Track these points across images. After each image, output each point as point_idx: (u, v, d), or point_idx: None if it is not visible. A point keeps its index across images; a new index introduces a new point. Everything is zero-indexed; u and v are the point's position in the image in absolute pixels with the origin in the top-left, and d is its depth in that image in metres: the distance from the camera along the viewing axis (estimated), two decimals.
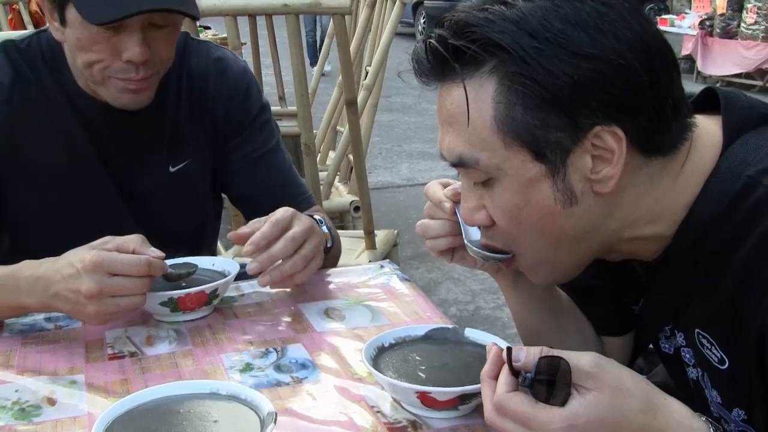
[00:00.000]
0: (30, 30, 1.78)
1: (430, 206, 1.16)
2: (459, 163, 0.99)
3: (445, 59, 0.95)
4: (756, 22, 8.84)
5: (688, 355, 1.10)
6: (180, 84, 1.59)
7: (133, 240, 1.21)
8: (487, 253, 1.08)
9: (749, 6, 8.95)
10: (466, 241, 1.11)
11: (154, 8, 1.34)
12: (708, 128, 1.00)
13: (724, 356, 1.00)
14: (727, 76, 9.29)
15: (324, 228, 1.44)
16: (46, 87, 1.49)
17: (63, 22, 1.40)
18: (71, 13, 1.37)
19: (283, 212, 1.33)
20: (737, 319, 0.95)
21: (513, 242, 1.03)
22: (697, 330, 1.03)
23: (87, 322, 1.24)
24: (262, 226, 1.31)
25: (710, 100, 1.04)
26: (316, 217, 1.47)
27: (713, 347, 1.01)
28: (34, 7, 6.56)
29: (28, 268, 1.23)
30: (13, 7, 6.54)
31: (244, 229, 1.33)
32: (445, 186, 1.15)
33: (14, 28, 6.06)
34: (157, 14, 1.37)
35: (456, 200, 1.11)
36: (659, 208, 0.99)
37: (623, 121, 0.92)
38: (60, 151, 1.47)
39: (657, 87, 0.94)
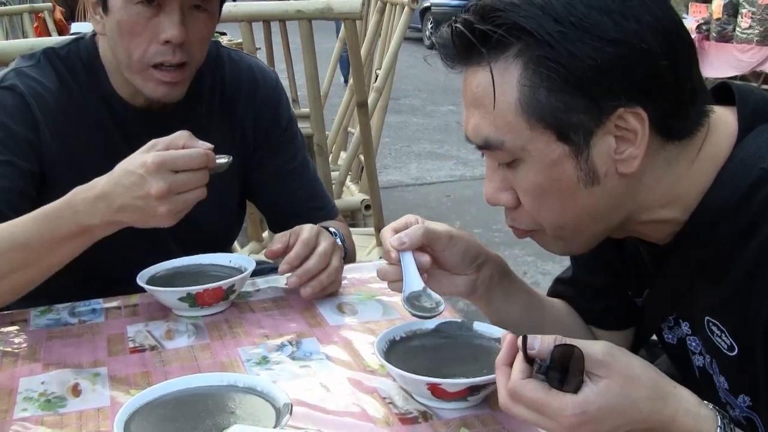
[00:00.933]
0: (61, 37, 1.79)
1: (385, 253, 1.14)
2: (485, 145, 0.99)
3: (471, 43, 0.95)
4: (750, 27, 8.84)
5: (694, 344, 1.10)
6: (213, 91, 1.59)
7: (181, 136, 1.19)
8: (419, 313, 1.10)
9: (744, 11, 8.95)
10: (402, 297, 1.11)
11: None
12: (723, 118, 1.00)
13: (733, 343, 1.00)
14: (724, 78, 9.25)
15: (338, 241, 1.45)
16: (85, 91, 1.50)
17: (105, 9, 1.40)
18: None
19: (309, 231, 1.35)
20: (747, 308, 0.94)
21: (535, 221, 1.03)
22: (707, 318, 1.03)
23: (158, 224, 1.19)
24: (288, 239, 1.34)
25: (724, 94, 1.04)
26: (331, 230, 1.47)
27: (723, 334, 1.00)
28: (58, 15, 6.60)
29: (81, 192, 1.20)
30: (39, 15, 6.58)
31: (277, 246, 1.36)
32: (396, 231, 1.13)
33: (39, 35, 6.09)
34: None
35: (401, 248, 1.11)
36: (674, 192, 0.99)
37: (645, 102, 0.92)
38: (100, 153, 1.47)
39: (677, 71, 0.93)
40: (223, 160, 1.20)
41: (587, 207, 0.99)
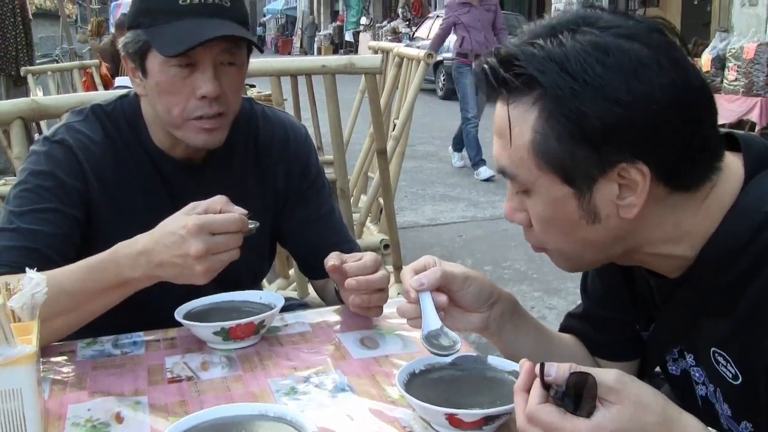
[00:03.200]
0: (107, 92, 1.83)
1: (404, 292, 1.15)
2: (501, 173, 1.02)
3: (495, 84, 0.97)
4: (737, 79, 8.94)
5: (697, 374, 1.09)
6: (248, 145, 1.61)
7: (218, 201, 1.20)
8: (437, 351, 1.10)
9: (730, 65, 9.07)
10: (421, 335, 1.11)
11: (221, 35, 1.37)
12: (730, 164, 1.00)
13: (738, 372, 0.99)
14: None
15: None
16: (129, 144, 1.52)
17: (144, 73, 1.44)
18: (151, 62, 1.42)
19: (373, 256, 1.36)
20: (752, 341, 0.94)
21: (543, 242, 1.05)
22: (713, 348, 1.02)
23: (193, 282, 1.20)
24: (344, 257, 1.36)
25: (729, 141, 1.04)
26: None
27: (729, 364, 1.00)
28: (104, 70, 6.72)
29: (124, 247, 1.22)
30: (87, 70, 6.71)
31: (333, 261, 1.36)
32: (415, 271, 1.14)
33: (87, 89, 6.21)
34: (225, 53, 1.41)
35: (420, 289, 1.11)
36: (679, 232, 0.99)
37: (649, 158, 0.92)
38: (143, 202, 1.50)
39: (686, 131, 0.93)
40: (252, 225, 1.22)
41: (588, 240, 1.00)
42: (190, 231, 1.15)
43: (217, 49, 1.40)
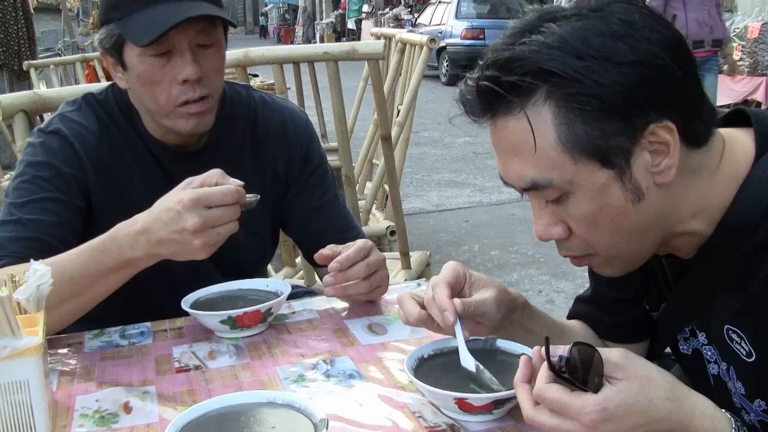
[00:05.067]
0: (105, 83, 1.82)
1: (440, 311, 1.05)
2: (531, 187, 0.97)
3: (498, 96, 0.93)
4: (741, 59, 8.90)
5: (710, 353, 1.08)
6: (245, 132, 1.60)
7: (214, 174, 1.19)
8: (484, 392, 1.00)
9: (734, 45, 9.03)
10: (462, 373, 1.04)
11: (191, 16, 1.36)
12: (740, 138, 1.00)
13: (752, 350, 0.98)
14: (719, 106, 9.26)
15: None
16: (124, 132, 1.52)
17: (124, 67, 1.43)
18: (128, 54, 1.41)
19: (363, 242, 1.35)
20: (766, 316, 0.94)
21: (589, 245, 1.01)
22: (726, 326, 1.01)
23: (194, 257, 1.20)
24: (339, 249, 1.34)
25: (739, 119, 1.04)
26: None
27: (743, 341, 0.99)
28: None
29: (123, 227, 1.22)
30: (89, 63, 6.70)
31: (326, 252, 1.35)
32: (450, 285, 1.07)
33: (90, 82, 6.20)
34: (201, 34, 1.40)
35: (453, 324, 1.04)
36: (700, 203, 0.99)
37: (671, 114, 0.92)
38: (141, 189, 1.49)
39: (688, 79, 0.94)
40: (252, 197, 1.21)
41: (636, 223, 0.98)
42: (186, 205, 1.14)
43: (192, 31, 1.39)
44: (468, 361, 1.05)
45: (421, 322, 1.09)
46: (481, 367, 1.04)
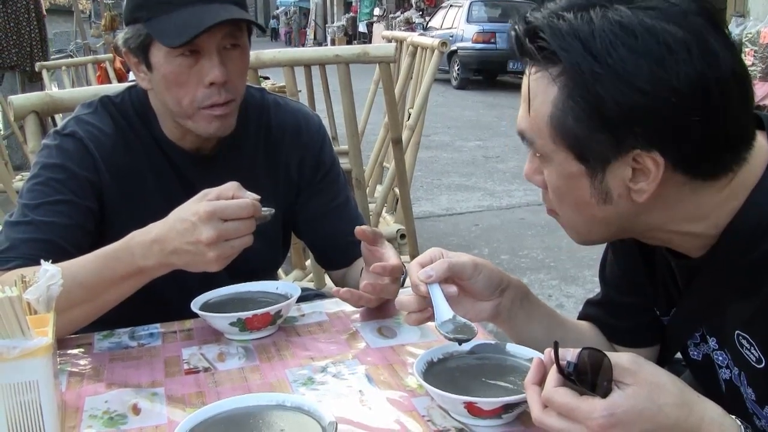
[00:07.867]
0: (120, 84, 1.83)
1: (413, 286, 1.11)
2: (521, 135, 1.01)
3: (525, 49, 0.96)
4: (753, 64, 8.86)
5: (721, 358, 1.07)
6: (258, 135, 1.60)
7: (230, 187, 1.19)
8: (455, 335, 1.07)
9: (746, 50, 8.98)
10: (436, 325, 1.09)
11: (223, 19, 1.36)
12: (756, 142, 0.97)
13: (761, 356, 0.97)
14: None
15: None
16: (139, 135, 1.52)
17: (149, 67, 1.43)
18: (155, 55, 1.41)
19: (399, 265, 1.32)
20: None
21: (556, 208, 1.04)
22: (737, 331, 1.00)
23: (206, 269, 1.19)
24: (380, 234, 1.38)
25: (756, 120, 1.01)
26: None
27: (752, 347, 0.98)
28: (118, 65, 6.75)
29: (138, 235, 1.21)
30: (101, 65, 6.74)
31: (368, 230, 1.36)
32: (422, 265, 1.11)
33: (101, 83, 6.24)
34: (228, 37, 1.40)
35: (428, 281, 1.09)
36: (700, 212, 0.97)
37: (665, 148, 0.89)
38: (156, 193, 1.50)
39: (709, 123, 0.89)
40: (267, 211, 1.21)
41: (598, 217, 0.99)
42: (201, 218, 1.14)
43: (220, 34, 1.40)
44: (444, 313, 1.08)
45: (411, 306, 1.12)
46: (458, 317, 1.08)
